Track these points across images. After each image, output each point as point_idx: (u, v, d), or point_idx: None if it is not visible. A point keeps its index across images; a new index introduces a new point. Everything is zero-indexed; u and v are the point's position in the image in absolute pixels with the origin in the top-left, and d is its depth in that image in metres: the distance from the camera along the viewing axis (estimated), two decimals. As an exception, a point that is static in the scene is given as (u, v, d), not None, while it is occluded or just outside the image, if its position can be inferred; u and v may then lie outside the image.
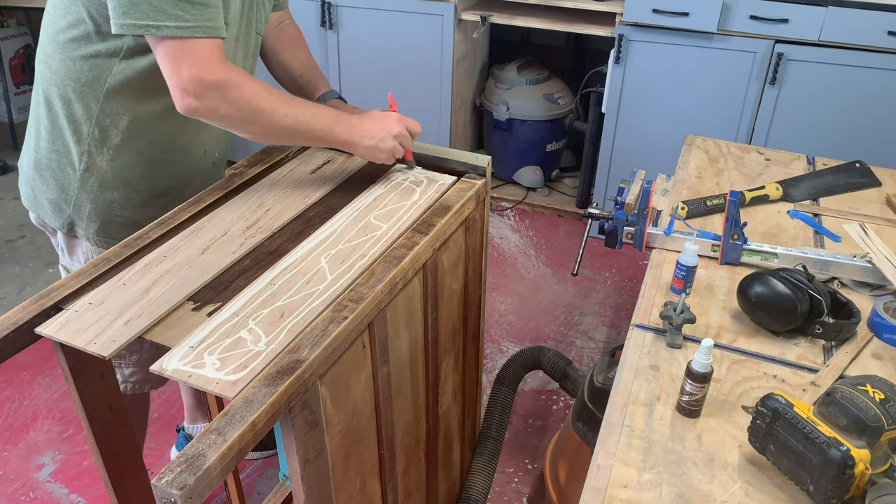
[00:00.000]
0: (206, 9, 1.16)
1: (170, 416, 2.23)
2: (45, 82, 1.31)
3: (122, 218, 1.40)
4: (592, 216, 1.49)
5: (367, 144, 1.35)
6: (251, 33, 1.40)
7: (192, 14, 1.14)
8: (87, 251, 1.43)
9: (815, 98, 2.62)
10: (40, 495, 1.97)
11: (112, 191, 1.37)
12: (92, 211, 1.38)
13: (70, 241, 1.43)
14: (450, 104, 3.17)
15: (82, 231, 1.41)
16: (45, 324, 1.07)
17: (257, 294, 1.12)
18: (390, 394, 1.28)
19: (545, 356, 1.94)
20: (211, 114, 1.20)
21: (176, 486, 0.80)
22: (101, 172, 1.35)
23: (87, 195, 1.37)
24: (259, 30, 1.43)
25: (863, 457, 0.86)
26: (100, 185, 1.36)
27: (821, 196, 1.69)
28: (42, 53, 1.31)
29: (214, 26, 1.18)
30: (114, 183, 1.37)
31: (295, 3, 3.26)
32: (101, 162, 1.34)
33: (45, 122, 1.34)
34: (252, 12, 1.38)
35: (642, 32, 2.74)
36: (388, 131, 1.36)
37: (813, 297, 1.18)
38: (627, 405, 1.07)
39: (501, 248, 3.14)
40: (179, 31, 1.13)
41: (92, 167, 1.35)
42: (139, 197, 1.40)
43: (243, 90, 1.20)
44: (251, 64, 1.46)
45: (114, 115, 1.30)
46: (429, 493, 1.63)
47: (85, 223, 1.39)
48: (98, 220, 1.39)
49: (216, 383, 0.95)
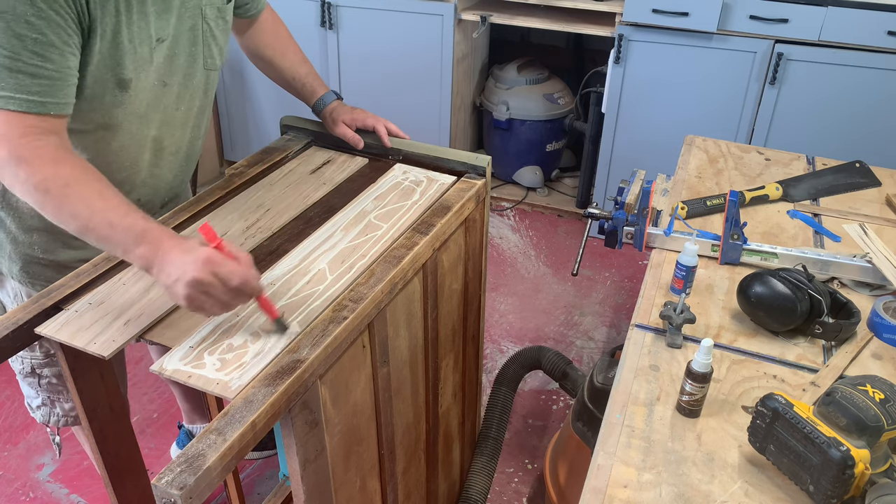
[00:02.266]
0: (33, 80, 1.03)
1: (170, 416, 2.23)
2: None
3: (44, 260, 1.33)
4: (592, 216, 1.49)
5: (162, 282, 1.02)
6: (194, 73, 1.30)
7: (10, 84, 1.02)
8: (15, 288, 1.38)
9: (815, 98, 2.62)
10: (40, 495, 1.97)
11: (31, 233, 1.30)
12: (13, 251, 1.32)
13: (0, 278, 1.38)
14: (450, 104, 3.17)
15: (6, 269, 1.35)
16: (45, 324, 1.07)
17: (257, 294, 1.12)
18: (390, 394, 1.28)
19: (545, 356, 1.94)
20: (11, 189, 1.07)
21: (176, 486, 0.80)
22: (17, 213, 1.28)
23: (5, 235, 1.31)
24: (209, 65, 1.33)
25: (863, 457, 0.86)
26: (17, 226, 1.29)
27: (821, 196, 1.69)
28: None
29: (37, 101, 1.04)
30: (33, 225, 1.29)
31: (295, 3, 3.27)
32: (16, 202, 1.26)
33: None
34: (195, 49, 1.28)
35: (642, 32, 2.74)
36: (183, 275, 0.98)
37: (813, 297, 1.18)
38: (627, 405, 1.07)
39: (501, 248, 3.14)
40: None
41: (7, 208, 1.27)
42: (62, 239, 1.30)
43: (34, 174, 1.03)
44: (204, 101, 1.37)
45: None
46: (429, 493, 1.63)
47: (7, 262, 1.34)
48: (20, 261, 1.33)
49: (216, 384, 0.95)
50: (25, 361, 1.43)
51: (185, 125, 1.36)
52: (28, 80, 1.03)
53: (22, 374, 1.46)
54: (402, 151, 1.55)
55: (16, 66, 1.02)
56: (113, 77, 1.16)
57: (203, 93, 1.36)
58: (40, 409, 1.51)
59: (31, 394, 1.50)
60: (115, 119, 1.21)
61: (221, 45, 1.35)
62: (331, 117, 1.55)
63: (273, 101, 3.37)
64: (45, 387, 1.47)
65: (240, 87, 3.40)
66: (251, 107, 3.44)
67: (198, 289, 0.98)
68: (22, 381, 1.49)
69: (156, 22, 1.18)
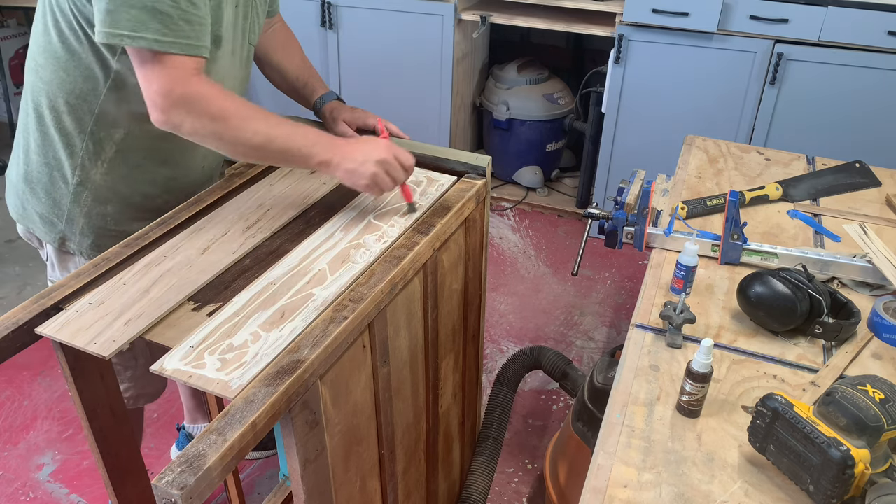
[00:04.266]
0: (189, 25, 1.13)
1: (170, 416, 2.23)
2: (35, 93, 1.28)
3: (116, 231, 1.37)
4: (592, 216, 1.49)
5: (346, 167, 1.23)
6: (244, 45, 1.38)
7: (172, 29, 1.11)
8: (80, 266, 1.37)
9: (815, 98, 2.62)
10: (40, 495, 1.97)
11: (106, 204, 1.35)
12: (85, 225, 1.36)
13: (62, 256, 1.41)
14: (450, 104, 3.17)
15: (75, 246, 1.38)
16: (45, 324, 1.07)
17: (258, 294, 1.12)
18: (390, 394, 1.28)
19: (545, 356, 1.94)
20: (178, 128, 1.17)
21: (176, 487, 0.80)
22: (95, 186, 1.33)
23: (80, 209, 1.34)
24: (252, 41, 1.41)
25: (863, 457, 0.86)
26: (94, 198, 1.34)
27: (821, 196, 1.69)
28: (32, 62, 1.28)
29: (195, 45, 1.15)
30: (108, 196, 1.34)
31: (295, 3, 3.27)
32: (96, 175, 1.32)
33: (35, 134, 1.31)
34: (247, 24, 1.36)
35: (642, 32, 2.74)
36: (370, 156, 1.23)
37: (813, 297, 1.18)
38: (627, 405, 1.07)
39: (501, 248, 3.14)
40: (156, 44, 1.10)
41: (86, 181, 1.32)
42: (134, 210, 1.37)
43: (211, 105, 1.15)
44: (245, 73, 1.44)
45: (109, 127, 1.28)
46: (429, 493, 1.63)
47: (78, 238, 1.37)
48: (92, 235, 1.37)
49: (216, 383, 0.95)
50: None
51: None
52: (186, 27, 1.13)
53: None
54: (402, 151, 1.56)
55: (176, 14, 1.11)
56: (213, 33, 1.22)
57: (245, 66, 1.42)
58: None
59: None
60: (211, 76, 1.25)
61: (261, 24, 1.44)
62: (331, 116, 1.55)
63: (273, 101, 3.35)
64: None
65: (240, 87, 3.39)
66: (251, 107, 3.44)
67: (383, 167, 1.24)
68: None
69: None
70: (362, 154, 1.23)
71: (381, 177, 1.24)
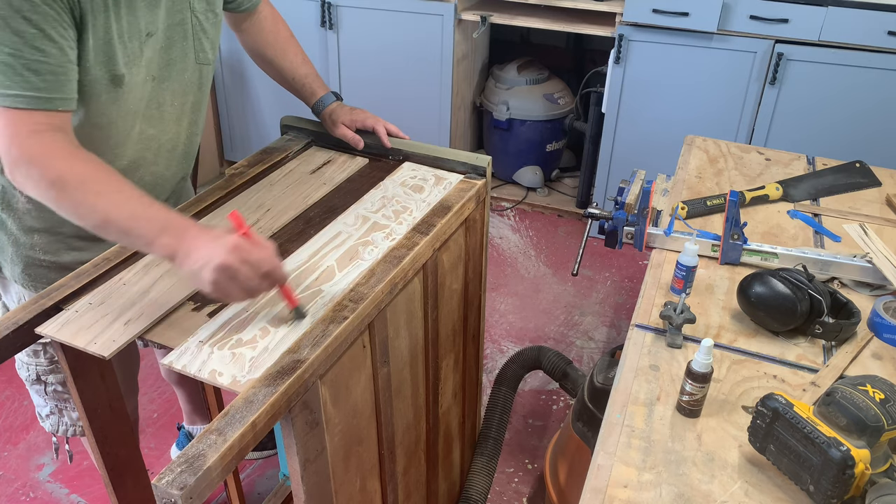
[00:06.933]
0: (37, 76, 1.02)
1: (170, 416, 2.23)
2: None
3: (46, 262, 1.31)
4: (592, 216, 1.49)
5: (187, 269, 1.02)
6: (186, 67, 1.29)
7: (16, 81, 1.01)
8: (18, 292, 1.36)
9: (815, 98, 2.62)
10: (40, 495, 1.97)
11: (32, 234, 1.28)
12: (14, 254, 1.30)
13: (2, 281, 1.38)
14: (450, 104, 3.17)
15: (8, 272, 1.33)
16: (45, 324, 1.07)
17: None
18: (390, 394, 1.28)
19: (545, 356, 1.94)
20: (23, 189, 1.07)
21: (176, 487, 0.80)
22: (17, 215, 1.27)
23: (6, 237, 1.29)
24: (201, 59, 1.31)
25: (863, 457, 0.86)
26: (18, 227, 1.28)
27: (821, 196, 1.69)
28: None
29: (44, 97, 1.03)
30: (34, 226, 1.28)
31: (295, 3, 3.27)
32: (18, 203, 1.25)
33: None
34: (185, 44, 1.26)
35: (642, 32, 2.74)
36: (210, 260, 0.98)
37: (813, 297, 1.18)
38: (627, 405, 1.07)
39: (501, 248, 3.14)
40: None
41: (8, 209, 1.26)
42: (64, 240, 1.30)
43: (48, 170, 1.02)
44: (198, 96, 1.35)
45: None
46: (429, 493, 1.63)
47: (9, 265, 1.32)
48: (21, 263, 1.31)
49: (225, 378, 0.96)
50: (31, 368, 1.43)
51: (179, 121, 1.34)
52: (33, 77, 1.02)
53: (29, 381, 1.46)
54: (402, 152, 1.55)
55: (19, 64, 1.01)
56: (107, 73, 1.15)
57: (197, 87, 1.34)
58: (49, 418, 1.50)
59: (40, 402, 1.50)
60: (110, 117, 1.20)
61: (213, 38, 1.34)
62: (330, 118, 1.54)
63: (273, 101, 3.37)
64: (51, 394, 1.46)
65: (240, 87, 3.40)
66: (251, 107, 3.44)
67: (225, 274, 0.98)
68: (30, 388, 1.48)
69: (145, 16, 1.17)
70: (204, 256, 0.99)
71: (224, 286, 1.00)
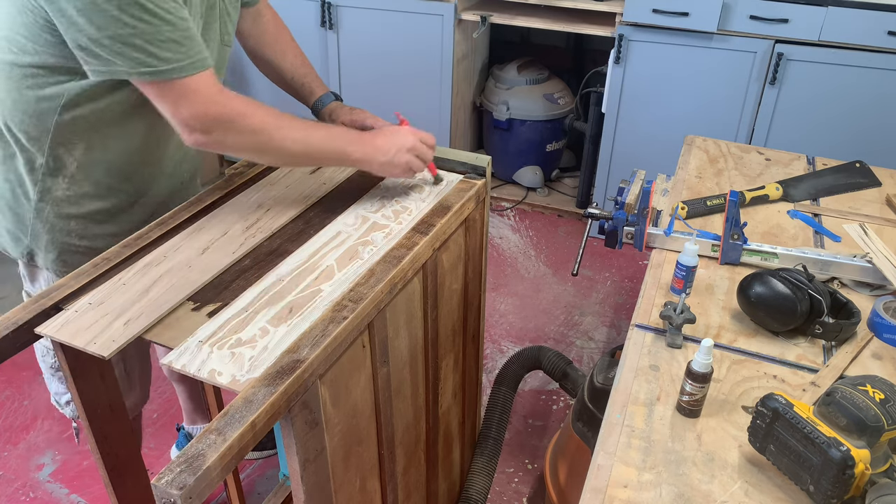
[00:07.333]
0: (192, 42, 1.12)
1: (170, 416, 2.23)
2: None
3: (81, 247, 1.34)
4: (592, 216, 1.49)
5: (381, 161, 1.31)
6: (214, 49, 1.34)
7: (181, 53, 1.10)
8: (49, 280, 1.38)
9: (815, 98, 2.62)
10: (40, 495, 1.97)
11: (69, 220, 1.31)
12: (49, 241, 1.32)
13: (31, 270, 1.39)
14: (450, 104, 3.17)
15: (41, 261, 1.35)
16: (45, 324, 1.07)
17: (266, 289, 1.13)
18: (390, 394, 1.28)
19: (545, 356, 1.94)
20: (220, 146, 1.18)
21: (176, 486, 0.80)
22: (57, 202, 1.29)
23: (43, 225, 1.31)
24: (226, 42, 1.38)
25: (863, 457, 0.86)
26: (56, 214, 1.30)
27: (821, 196, 1.69)
28: None
29: (202, 58, 1.14)
30: (71, 212, 1.31)
31: (295, 3, 3.27)
32: (57, 191, 1.28)
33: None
34: (217, 25, 1.32)
35: (642, 32, 2.74)
36: (401, 146, 1.32)
37: (813, 297, 1.18)
38: (627, 405, 1.07)
39: (501, 248, 3.14)
40: (173, 72, 1.10)
41: (47, 197, 1.28)
42: (99, 226, 1.34)
43: (250, 120, 1.18)
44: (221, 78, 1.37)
45: (67, 143, 1.24)
46: (429, 493, 1.63)
47: (43, 253, 1.34)
48: (56, 250, 1.33)
49: (225, 377, 0.96)
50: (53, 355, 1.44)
51: None
52: (191, 43, 1.12)
53: (52, 369, 1.48)
54: (403, 151, 1.56)
55: (178, 35, 1.10)
56: None
57: (219, 69, 1.39)
58: (69, 405, 1.52)
59: (59, 390, 1.52)
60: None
61: (235, 21, 1.41)
62: (329, 118, 1.54)
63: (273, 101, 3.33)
64: None
65: (240, 87, 3.39)
66: (251, 107, 3.44)
67: (413, 152, 1.34)
68: (52, 377, 1.50)
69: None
70: (393, 146, 1.32)
71: (414, 162, 1.35)
